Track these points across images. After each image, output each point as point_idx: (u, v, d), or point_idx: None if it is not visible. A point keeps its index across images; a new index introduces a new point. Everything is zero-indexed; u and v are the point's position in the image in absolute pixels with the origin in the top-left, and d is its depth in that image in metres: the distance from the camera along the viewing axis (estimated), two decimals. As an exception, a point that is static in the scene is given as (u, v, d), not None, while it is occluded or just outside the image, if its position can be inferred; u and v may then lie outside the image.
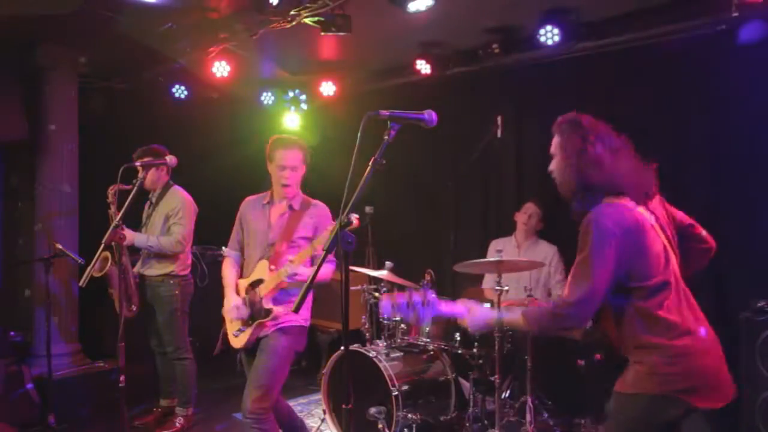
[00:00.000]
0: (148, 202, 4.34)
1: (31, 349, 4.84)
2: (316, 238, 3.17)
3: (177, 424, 4.21)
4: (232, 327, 3.25)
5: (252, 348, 3.20)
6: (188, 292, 4.31)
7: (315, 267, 2.11)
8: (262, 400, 3.00)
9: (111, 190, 4.07)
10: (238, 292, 3.26)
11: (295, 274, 3.05)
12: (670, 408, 2.03)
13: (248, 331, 3.16)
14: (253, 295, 3.18)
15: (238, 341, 3.22)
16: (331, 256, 3.05)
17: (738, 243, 3.90)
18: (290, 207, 3.28)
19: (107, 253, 3.92)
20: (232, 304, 3.19)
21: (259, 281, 3.17)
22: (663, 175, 2.27)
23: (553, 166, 2.27)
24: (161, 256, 4.15)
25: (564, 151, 2.20)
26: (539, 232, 4.69)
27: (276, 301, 3.15)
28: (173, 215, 4.15)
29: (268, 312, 3.10)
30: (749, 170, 3.90)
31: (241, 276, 3.35)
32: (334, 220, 3.16)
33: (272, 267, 3.13)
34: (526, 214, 4.63)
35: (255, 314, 3.16)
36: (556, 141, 2.26)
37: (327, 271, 3.16)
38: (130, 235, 3.94)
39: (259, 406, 2.99)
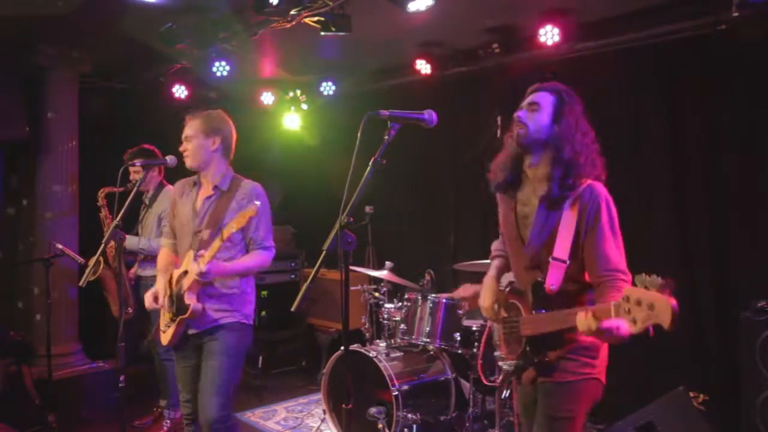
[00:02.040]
0: (142, 204, 4.34)
1: (31, 349, 4.83)
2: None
3: (164, 427, 4.20)
4: (162, 320, 2.94)
5: (180, 346, 2.91)
6: None
7: (315, 266, 2.08)
8: (225, 406, 2.78)
9: (101, 193, 4.07)
10: (170, 283, 2.90)
11: (207, 273, 2.68)
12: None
13: (172, 327, 2.84)
14: (178, 288, 2.84)
15: (164, 337, 2.89)
16: (269, 243, 2.91)
17: (738, 243, 3.91)
18: (216, 188, 2.93)
19: (100, 257, 3.92)
20: (149, 291, 2.92)
21: (185, 273, 2.83)
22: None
23: (531, 117, 2.22)
24: (156, 257, 4.14)
25: (560, 116, 2.17)
26: None
27: (210, 297, 2.83)
28: (166, 216, 4.14)
29: (187, 308, 2.76)
30: (749, 170, 3.89)
31: None
32: (259, 200, 2.79)
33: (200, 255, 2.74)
34: None
35: (177, 310, 2.82)
36: (549, 98, 2.22)
37: (264, 259, 2.90)
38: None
39: (224, 412, 2.77)
